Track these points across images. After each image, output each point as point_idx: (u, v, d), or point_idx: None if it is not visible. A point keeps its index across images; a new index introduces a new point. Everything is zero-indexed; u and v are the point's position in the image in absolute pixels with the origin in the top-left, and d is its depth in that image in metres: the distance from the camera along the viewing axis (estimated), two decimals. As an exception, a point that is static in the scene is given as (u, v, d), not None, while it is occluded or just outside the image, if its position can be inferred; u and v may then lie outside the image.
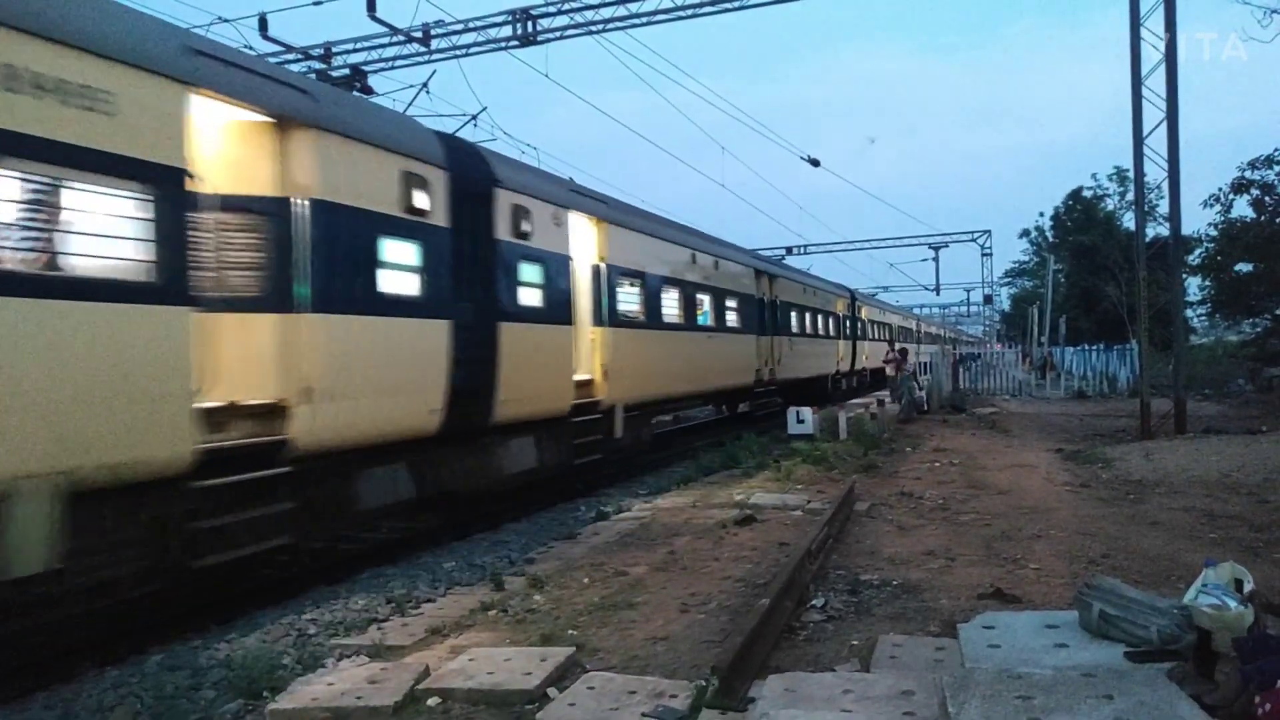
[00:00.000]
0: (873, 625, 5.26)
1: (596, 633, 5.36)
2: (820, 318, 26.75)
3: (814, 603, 5.74)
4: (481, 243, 9.60)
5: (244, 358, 7.02)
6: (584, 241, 12.32)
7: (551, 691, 4.34)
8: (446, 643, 5.35)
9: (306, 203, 7.22)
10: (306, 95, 7.57)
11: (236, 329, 6.99)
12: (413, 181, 8.40)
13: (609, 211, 13.28)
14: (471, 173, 9.64)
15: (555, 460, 11.21)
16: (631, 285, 13.66)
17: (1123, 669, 3.85)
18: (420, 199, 8.49)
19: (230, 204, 7.00)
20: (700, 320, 16.71)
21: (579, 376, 11.80)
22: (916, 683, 3.97)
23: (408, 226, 8.39)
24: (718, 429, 20.38)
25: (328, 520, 8.01)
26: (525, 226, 10.37)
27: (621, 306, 13.12)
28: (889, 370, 25.28)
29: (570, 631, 5.40)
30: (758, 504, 9.56)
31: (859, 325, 33.17)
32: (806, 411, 15.91)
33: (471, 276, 9.31)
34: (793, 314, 23.29)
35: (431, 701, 4.32)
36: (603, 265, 12.63)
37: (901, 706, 3.72)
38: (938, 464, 12.86)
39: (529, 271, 10.55)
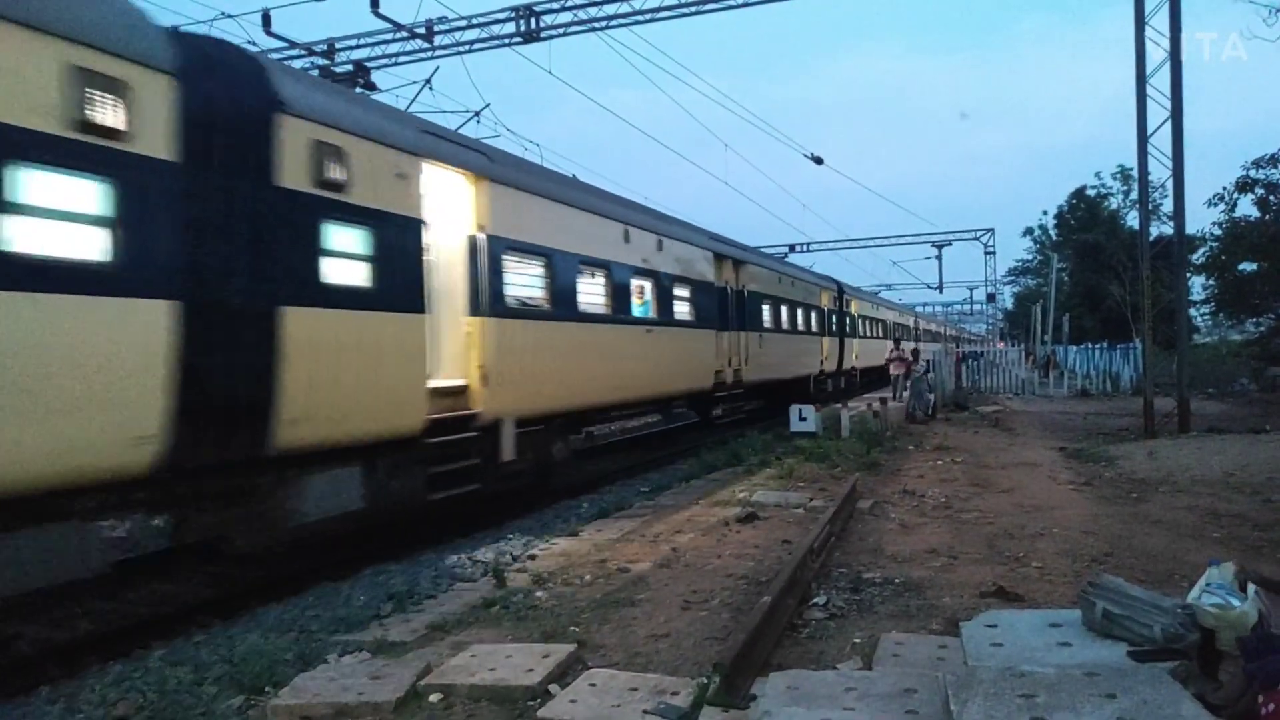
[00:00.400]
0: (875, 623, 5.26)
1: (598, 630, 5.36)
2: (800, 311, 24.64)
3: (816, 600, 5.73)
4: (249, 191, 6.79)
5: None
6: (452, 204, 9.57)
7: (553, 688, 4.34)
8: (448, 639, 5.35)
9: None
10: None
11: None
12: (95, 84, 5.65)
13: (491, 167, 10.19)
14: (228, 85, 6.79)
15: (397, 497, 8.45)
16: (527, 264, 10.76)
17: (1126, 668, 3.84)
18: (110, 113, 5.74)
19: None
20: (636, 311, 13.85)
21: (441, 383, 9.14)
22: (919, 681, 3.96)
23: (80, 153, 5.62)
24: (673, 439, 17.39)
25: None
26: (337, 173, 7.57)
27: (511, 291, 10.28)
28: (893, 370, 25.16)
29: (572, 628, 5.40)
30: (760, 501, 9.55)
31: (848, 321, 31.20)
32: (809, 409, 15.89)
33: (228, 240, 6.58)
34: (765, 306, 21.05)
35: (433, 698, 4.32)
36: (482, 236, 9.71)
37: (904, 705, 3.72)
38: (940, 462, 12.84)
39: (345, 237, 7.74)
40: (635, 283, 13.86)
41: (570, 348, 11.56)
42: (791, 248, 49.25)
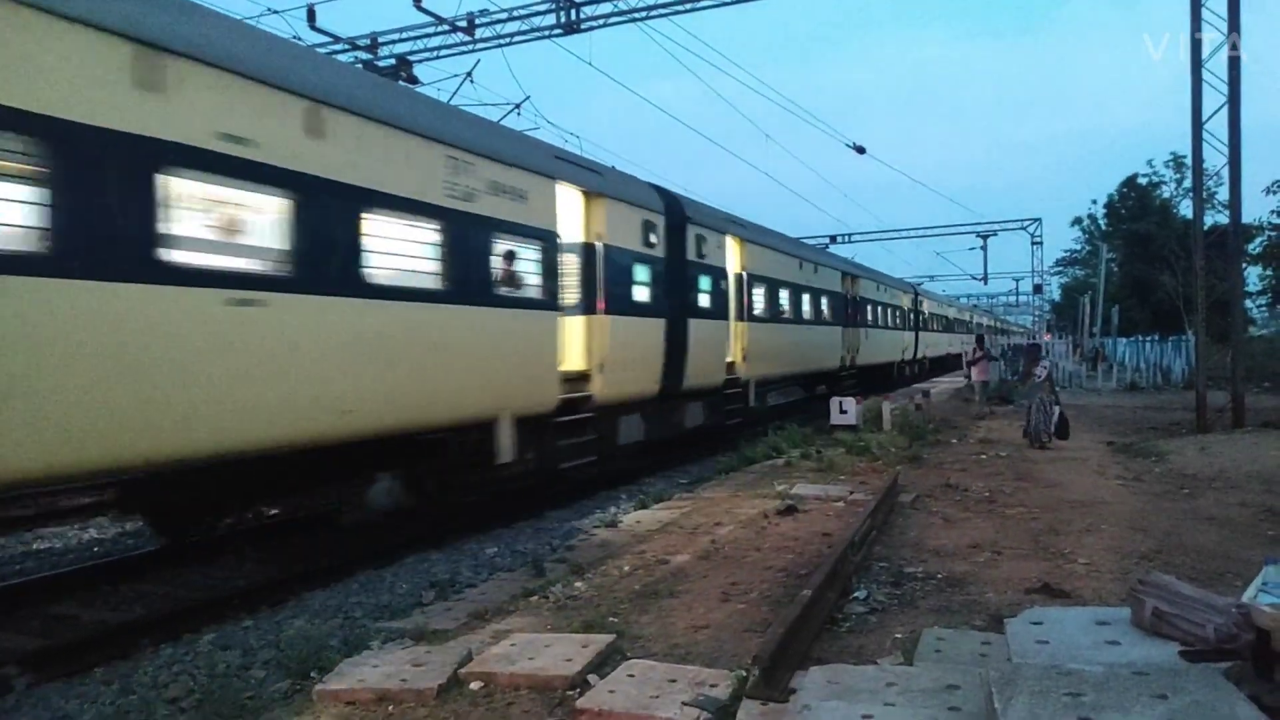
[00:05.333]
0: (916, 618, 5.20)
1: (637, 620, 5.38)
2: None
3: (857, 594, 5.69)
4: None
5: None
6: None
7: (592, 678, 4.36)
8: (489, 628, 5.40)
9: None
10: None
11: None
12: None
13: None
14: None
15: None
16: None
17: (1177, 668, 3.75)
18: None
19: None
20: None
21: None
22: (962, 677, 3.91)
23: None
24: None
25: None
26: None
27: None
28: (976, 375, 22.78)
29: (611, 619, 5.41)
30: (800, 494, 9.50)
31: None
32: (850, 402, 15.75)
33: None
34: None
35: (474, 685, 4.37)
36: None
37: (946, 701, 3.67)
38: (984, 456, 12.65)
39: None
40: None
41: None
42: (832, 239, 48.86)
